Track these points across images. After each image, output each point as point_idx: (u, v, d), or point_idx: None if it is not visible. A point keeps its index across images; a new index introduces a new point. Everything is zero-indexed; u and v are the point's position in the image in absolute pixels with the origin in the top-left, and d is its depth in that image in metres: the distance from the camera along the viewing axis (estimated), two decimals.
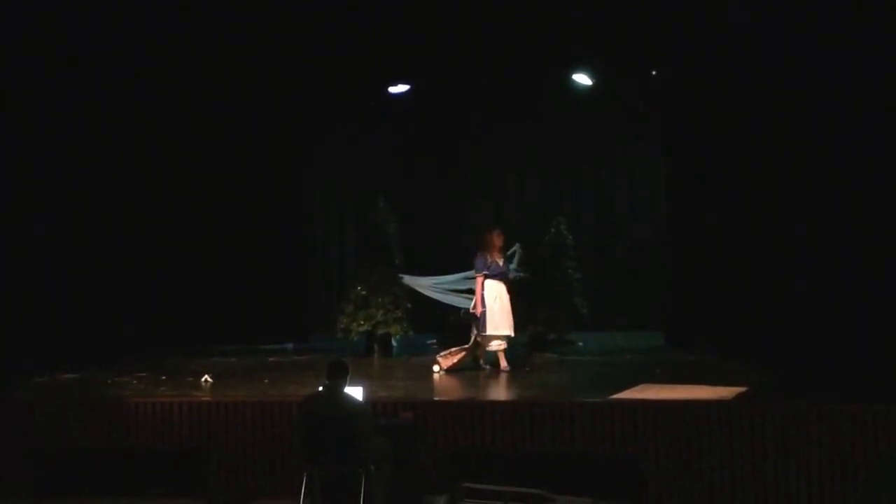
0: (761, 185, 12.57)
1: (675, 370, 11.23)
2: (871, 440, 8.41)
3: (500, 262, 12.05)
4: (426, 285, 13.99)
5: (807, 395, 9.14)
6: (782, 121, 12.30)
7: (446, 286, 13.77)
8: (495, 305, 11.80)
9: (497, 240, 12.05)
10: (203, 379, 10.86)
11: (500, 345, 11.84)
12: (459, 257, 14.64)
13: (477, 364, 12.00)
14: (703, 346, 12.79)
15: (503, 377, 11.42)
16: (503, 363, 11.80)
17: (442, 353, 11.94)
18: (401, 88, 14.88)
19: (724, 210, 12.89)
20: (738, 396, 9.20)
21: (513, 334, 11.95)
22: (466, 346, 11.92)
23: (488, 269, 11.92)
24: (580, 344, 14.09)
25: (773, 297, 12.33)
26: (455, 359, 11.81)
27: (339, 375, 8.05)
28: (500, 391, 10.82)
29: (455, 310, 13.96)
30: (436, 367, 11.76)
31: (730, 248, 12.81)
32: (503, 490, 8.79)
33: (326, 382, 8.05)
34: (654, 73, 14.05)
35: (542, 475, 8.80)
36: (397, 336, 13.72)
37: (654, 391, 9.63)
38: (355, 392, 8.40)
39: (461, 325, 13.73)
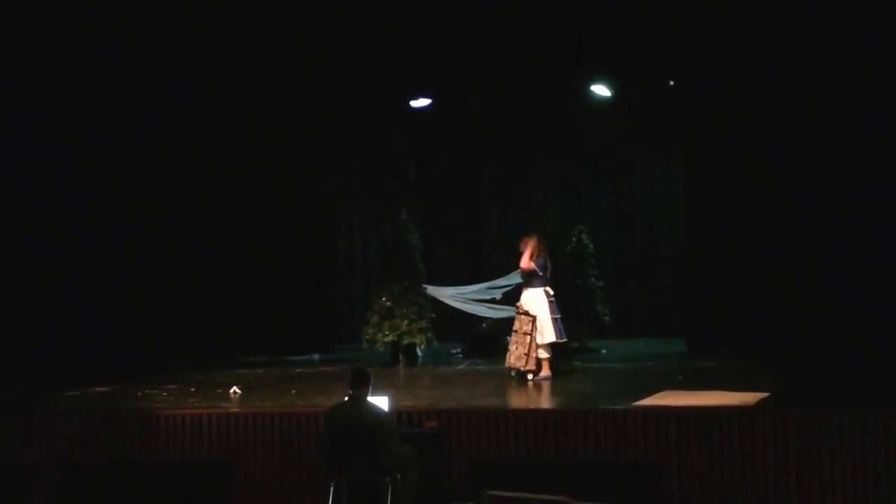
0: (780, 193, 12.61)
1: (698, 376, 11.24)
2: (895, 445, 8.41)
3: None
4: (449, 295, 14.09)
5: (829, 400, 9.15)
6: (800, 128, 12.35)
7: (469, 296, 13.85)
8: (545, 312, 11.59)
9: None
10: (231, 391, 10.97)
11: (548, 352, 11.64)
12: (481, 267, 14.78)
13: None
14: (724, 352, 12.81)
15: (527, 386, 11.41)
16: (547, 371, 11.61)
17: (516, 363, 11.54)
18: (422, 102, 14.93)
19: (744, 216, 12.92)
20: (761, 402, 9.20)
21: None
22: (528, 343, 11.48)
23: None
24: (603, 351, 14.12)
25: (795, 303, 12.36)
26: (532, 359, 11.44)
27: (362, 384, 8.14)
28: (523, 399, 10.84)
29: (479, 319, 14.09)
30: (529, 376, 11.50)
31: (750, 254, 12.84)
32: (527, 498, 8.83)
33: (350, 392, 8.16)
34: (671, 83, 14.09)
35: (566, 483, 8.85)
36: (422, 346, 13.80)
37: (677, 398, 9.65)
38: (381, 401, 8.49)
39: (486, 334, 13.88)
